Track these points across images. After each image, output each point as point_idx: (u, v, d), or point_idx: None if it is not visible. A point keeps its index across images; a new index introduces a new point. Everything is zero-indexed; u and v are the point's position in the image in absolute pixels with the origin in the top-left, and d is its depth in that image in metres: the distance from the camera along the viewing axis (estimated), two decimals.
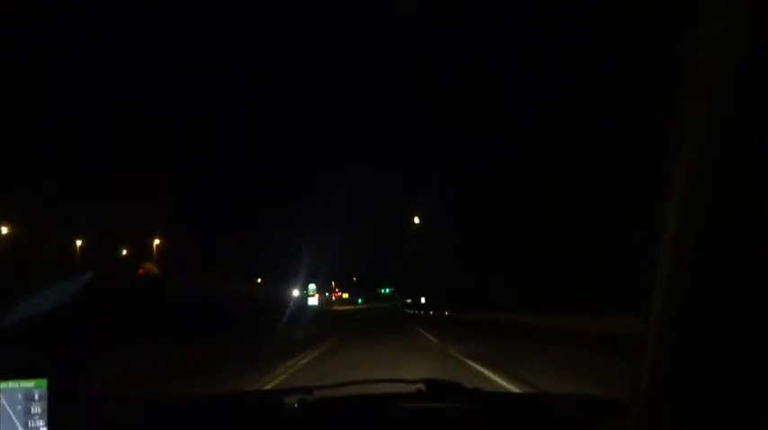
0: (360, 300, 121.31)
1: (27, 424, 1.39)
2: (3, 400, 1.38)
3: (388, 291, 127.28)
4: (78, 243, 33.48)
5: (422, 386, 1.46)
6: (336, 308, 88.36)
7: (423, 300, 71.87)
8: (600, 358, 8.58)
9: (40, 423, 1.39)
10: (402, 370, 7.82)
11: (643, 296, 0.84)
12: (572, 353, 10.25)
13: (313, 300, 70.63)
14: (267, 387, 6.72)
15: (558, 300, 17.69)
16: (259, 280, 62.05)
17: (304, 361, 10.41)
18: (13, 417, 1.39)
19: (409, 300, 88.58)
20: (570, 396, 1.36)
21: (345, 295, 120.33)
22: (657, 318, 0.81)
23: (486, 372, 7.32)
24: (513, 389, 5.88)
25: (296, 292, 66.28)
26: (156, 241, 41.72)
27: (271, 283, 61.84)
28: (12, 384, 1.40)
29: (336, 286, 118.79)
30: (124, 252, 39.17)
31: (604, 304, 12.05)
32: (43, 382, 1.41)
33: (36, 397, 1.40)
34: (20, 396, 1.40)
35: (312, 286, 73.50)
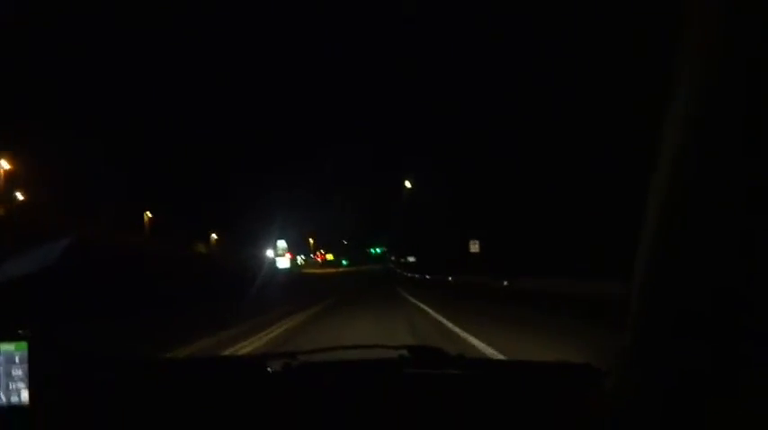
0: (344, 262, 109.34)
1: (8, 386, 1.38)
2: None
3: (379, 250, 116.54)
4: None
5: (405, 352, 1.48)
6: (312, 271, 74.74)
7: (411, 259, 70.46)
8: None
9: (21, 385, 1.38)
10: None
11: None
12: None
13: (283, 262, 61.49)
14: None
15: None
16: (214, 236, 53.48)
17: None
18: None
19: (396, 259, 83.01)
20: (551, 363, 1.39)
21: (330, 256, 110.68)
22: (641, 288, 0.82)
23: None
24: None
25: (271, 253, 59.87)
26: None
27: (236, 243, 54.96)
28: None
29: (324, 249, 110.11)
30: None
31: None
32: (23, 345, 1.40)
33: (17, 359, 1.39)
34: (0, 358, 1.39)
35: (282, 244, 63.56)
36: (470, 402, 1.22)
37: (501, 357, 5.59)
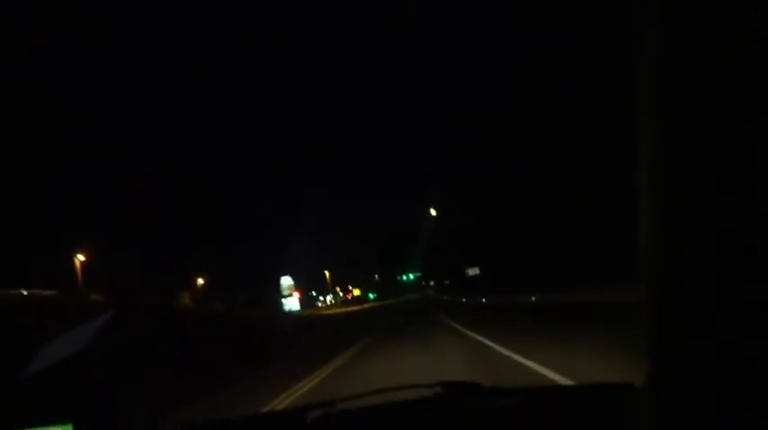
0: (371, 295, 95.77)
1: None
2: None
3: (412, 277, 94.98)
4: None
5: (439, 389, 1.47)
6: (331, 312, 55.66)
7: (446, 282, 61.66)
8: None
9: None
10: None
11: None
12: None
13: (291, 303, 49.08)
14: None
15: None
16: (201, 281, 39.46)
17: None
18: None
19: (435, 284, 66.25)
20: (590, 385, 1.37)
21: (357, 291, 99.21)
22: (650, 292, 0.81)
23: None
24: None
25: (290, 300, 47.46)
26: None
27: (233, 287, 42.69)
28: None
29: (349, 285, 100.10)
30: None
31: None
32: (69, 428, 1.42)
33: None
34: None
35: (287, 281, 50.60)
36: None
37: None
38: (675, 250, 0.79)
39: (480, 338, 11.25)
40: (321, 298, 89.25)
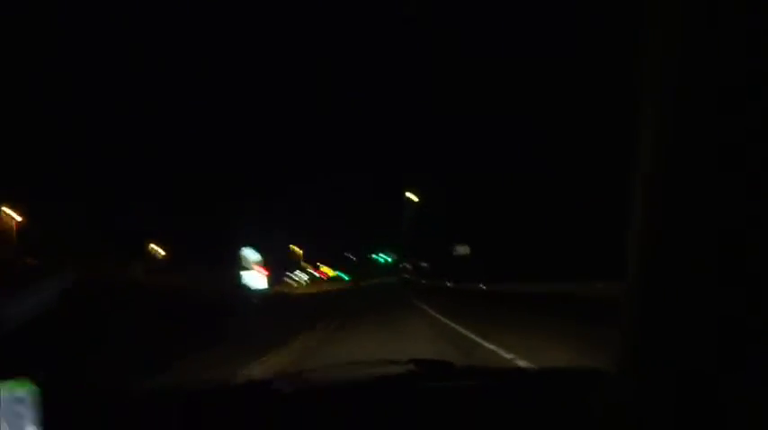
0: (344, 277, 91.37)
1: (17, 427, 1.38)
2: None
3: (390, 259, 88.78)
4: None
5: (411, 366, 1.48)
6: (300, 292, 52.70)
7: (423, 264, 58.83)
8: None
9: (29, 427, 1.38)
10: None
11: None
12: None
13: (256, 279, 39.51)
14: None
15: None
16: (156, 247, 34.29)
17: None
18: (2, 421, 1.37)
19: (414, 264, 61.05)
20: (559, 369, 1.40)
21: (330, 271, 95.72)
22: (632, 282, 0.83)
23: None
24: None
25: (253, 275, 39.28)
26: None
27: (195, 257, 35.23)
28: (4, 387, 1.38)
29: (322, 264, 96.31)
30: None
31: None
32: (32, 385, 1.40)
33: (25, 400, 1.39)
34: (8, 399, 1.39)
35: (250, 253, 40.95)
36: (480, 412, 1.23)
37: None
38: (659, 246, 0.80)
39: None
40: (295, 275, 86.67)
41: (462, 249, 36.74)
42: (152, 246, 37.77)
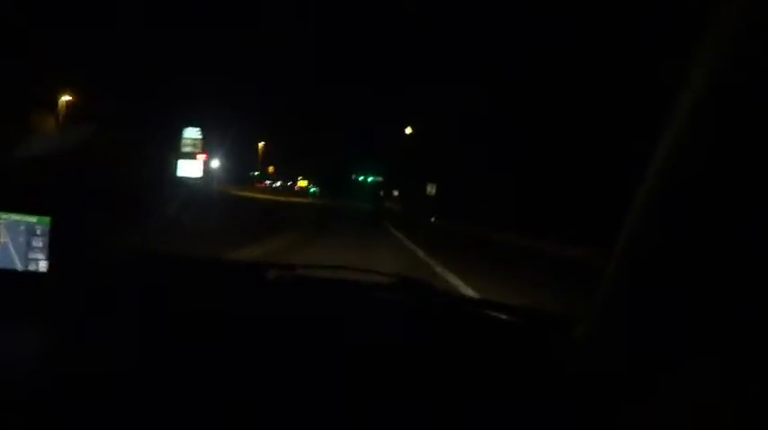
0: (312, 190, 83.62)
1: (27, 255, 1.47)
2: (2, 229, 1.45)
3: (370, 179, 77.55)
4: None
5: (395, 280, 1.56)
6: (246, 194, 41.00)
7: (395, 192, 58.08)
8: None
9: (40, 256, 1.47)
10: None
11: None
12: None
13: (190, 167, 34.34)
14: None
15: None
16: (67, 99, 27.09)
17: None
18: (12, 248, 1.47)
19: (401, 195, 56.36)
20: (523, 307, 1.45)
21: (304, 183, 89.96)
22: (623, 251, 0.85)
23: None
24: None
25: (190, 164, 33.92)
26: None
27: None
28: (15, 217, 1.46)
29: (302, 176, 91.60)
30: None
31: None
32: (47, 220, 1.48)
33: (38, 232, 1.47)
34: (22, 228, 1.47)
35: (193, 132, 35.77)
36: (441, 335, 1.29)
37: None
38: (661, 233, 0.82)
39: None
40: (268, 182, 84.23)
41: (430, 188, 37.70)
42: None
